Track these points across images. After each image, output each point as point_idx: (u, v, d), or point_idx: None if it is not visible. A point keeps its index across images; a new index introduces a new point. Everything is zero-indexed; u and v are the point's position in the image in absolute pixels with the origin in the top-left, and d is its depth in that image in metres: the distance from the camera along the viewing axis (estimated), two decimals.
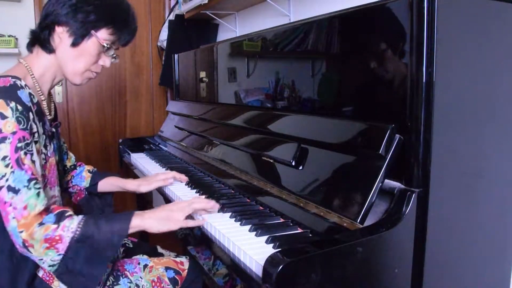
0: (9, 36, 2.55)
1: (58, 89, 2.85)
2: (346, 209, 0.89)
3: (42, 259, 0.95)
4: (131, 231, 1.01)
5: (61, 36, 1.06)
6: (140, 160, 1.94)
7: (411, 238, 0.86)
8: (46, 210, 0.98)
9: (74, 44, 1.07)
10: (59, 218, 0.96)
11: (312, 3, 1.71)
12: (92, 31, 1.06)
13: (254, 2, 2.07)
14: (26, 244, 0.93)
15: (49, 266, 0.96)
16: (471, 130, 0.93)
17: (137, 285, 1.17)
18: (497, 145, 0.98)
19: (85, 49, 1.08)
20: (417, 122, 0.84)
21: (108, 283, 1.14)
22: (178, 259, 1.29)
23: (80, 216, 0.99)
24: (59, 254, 0.95)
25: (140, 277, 1.18)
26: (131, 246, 1.37)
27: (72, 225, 0.96)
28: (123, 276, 1.17)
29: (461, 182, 0.93)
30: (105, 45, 1.09)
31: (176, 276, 1.22)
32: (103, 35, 1.08)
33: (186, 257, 1.31)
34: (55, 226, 0.94)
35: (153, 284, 1.18)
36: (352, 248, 0.77)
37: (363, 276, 0.80)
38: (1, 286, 1.02)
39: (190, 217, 1.10)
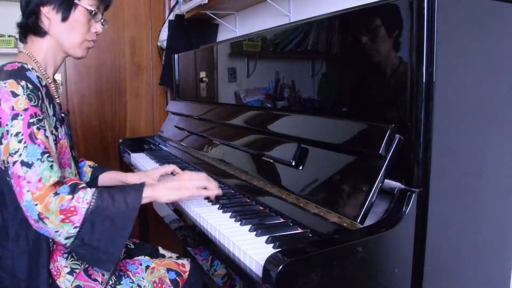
0: (9, 36, 2.56)
1: None
2: (346, 209, 0.89)
3: (58, 231, 0.94)
4: (143, 201, 1.02)
5: (49, 15, 1.10)
6: (140, 160, 1.94)
7: (411, 238, 0.86)
8: (60, 183, 0.99)
9: (64, 18, 1.11)
10: (73, 189, 0.96)
11: (312, 3, 1.71)
12: (76, 0, 1.11)
13: (254, 2, 2.07)
14: (42, 217, 0.92)
15: (65, 239, 0.95)
16: (471, 130, 0.93)
17: (139, 285, 1.17)
18: (497, 145, 0.98)
19: (75, 21, 1.12)
20: (417, 122, 0.84)
21: (110, 283, 1.14)
22: (179, 261, 1.29)
23: (94, 188, 0.99)
24: (75, 227, 0.94)
25: (142, 278, 1.19)
26: (133, 247, 1.37)
27: (86, 196, 0.96)
28: (125, 276, 1.17)
29: (461, 182, 0.93)
30: (93, 10, 1.13)
31: (177, 278, 1.22)
32: (86, 1, 1.12)
33: (187, 259, 1.32)
34: (70, 197, 0.94)
35: (155, 285, 1.19)
36: (352, 248, 0.77)
37: (363, 276, 0.80)
38: (20, 270, 1.04)
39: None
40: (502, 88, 0.97)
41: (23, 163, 0.94)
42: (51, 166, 0.96)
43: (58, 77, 2.84)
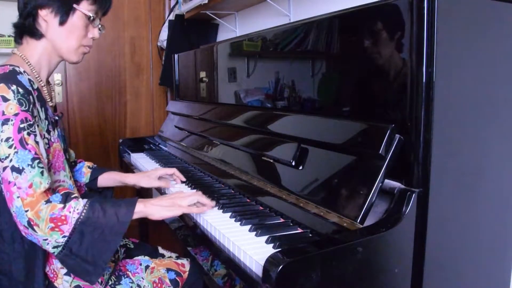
0: (9, 36, 2.56)
1: (58, 89, 2.85)
2: (346, 209, 0.89)
3: (46, 239, 0.94)
4: (135, 216, 1.02)
5: (46, 18, 1.09)
6: (140, 160, 1.94)
7: (411, 238, 0.86)
8: (52, 190, 0.98)
9: (62, 22, 1.09)
10: (66, 198, 0.96)
11: (312, 3, 1.71)
12: (74, 5, 1.09)
13: (254, 2, 2.07)
14: (32, 223, 0.92)
15: (53, 247, 0.95)
16: (471, 130, 0.93)
17: (138, 285, 1.17)
18: (497, 145, 0.98)
19: (73, 25, 1.11)
20: (417, 122, 0.84)
21: (110, 283, 1.14)
22: (179, 261, 1.29)
23: (86, 199, 0.99)
24: (64, 236, 0.94)
25: (142, 278, 1.19)
26: (132, 246, 1.37)
27: (78, 206, 0.96)
28: (125, 276, 1.17)
29: (461, 182, 0.93)
30: (91, 16, 1.12)
31: (177, 278, 1.22)
32: (85, 6, 1.11)
33: (187, 259, 1.32)
34: (61, 205, 0.94)
35: (154, 285, 1.19)
36: (352, 248, 0.77)
37: (363, 276, 0.80)
38: (17, 272, 1.04)
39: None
40: (502, 88, 0.97)
41: (14, 169, 0.93)
42: (42, 173, 0.96)
43: (58, 77, 2.84)
